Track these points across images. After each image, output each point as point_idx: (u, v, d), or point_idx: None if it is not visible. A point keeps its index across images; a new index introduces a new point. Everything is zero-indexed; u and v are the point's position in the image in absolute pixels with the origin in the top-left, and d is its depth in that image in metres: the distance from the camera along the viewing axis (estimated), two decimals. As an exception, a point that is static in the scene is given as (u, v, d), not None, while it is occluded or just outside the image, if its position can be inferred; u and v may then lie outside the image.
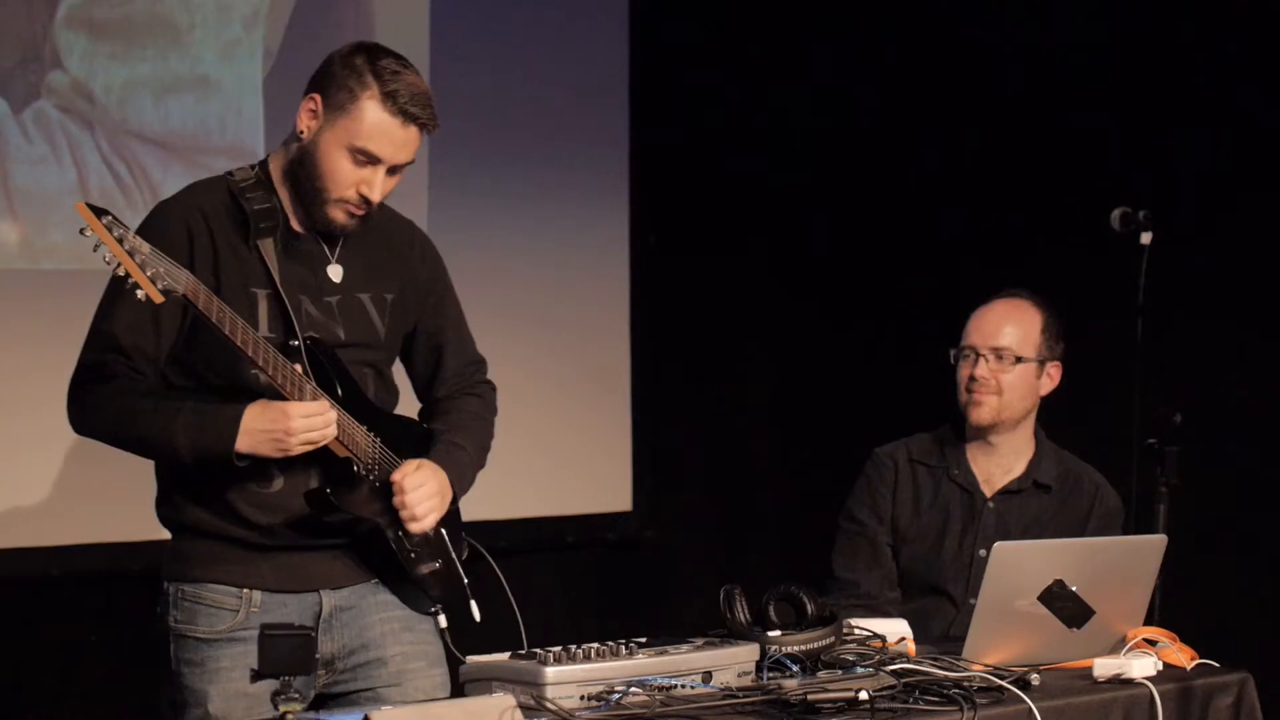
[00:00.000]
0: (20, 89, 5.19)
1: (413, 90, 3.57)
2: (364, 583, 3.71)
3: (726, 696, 3.29)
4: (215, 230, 3.57)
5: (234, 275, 3.55)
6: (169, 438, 3.51)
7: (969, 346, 4.53)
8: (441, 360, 3.88)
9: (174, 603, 3.64)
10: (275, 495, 3.60)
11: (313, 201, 3.60)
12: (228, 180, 3.63)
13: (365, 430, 3.62)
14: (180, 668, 3.63)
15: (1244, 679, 3.89)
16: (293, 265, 3.62)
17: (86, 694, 5.32)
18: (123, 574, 5.33)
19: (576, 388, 6.27)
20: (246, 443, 3.49)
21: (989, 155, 6.54)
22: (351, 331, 3.67)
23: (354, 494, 3.61)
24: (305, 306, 3.61)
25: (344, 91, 3.55)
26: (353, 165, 3.56)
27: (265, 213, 3.58)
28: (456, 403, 3.89)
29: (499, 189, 6.08)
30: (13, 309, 5.16)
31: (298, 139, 3.60)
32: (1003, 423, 4.53)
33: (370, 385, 3.71)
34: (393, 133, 3.56)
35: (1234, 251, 5.90)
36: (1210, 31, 6.01)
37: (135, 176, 5.33)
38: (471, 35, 5.99)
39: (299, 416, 3.47)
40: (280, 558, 3.62)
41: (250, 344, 3.42)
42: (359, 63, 3.57)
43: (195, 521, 3.63)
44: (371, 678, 3.69)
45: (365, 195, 3.58)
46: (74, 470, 5.21)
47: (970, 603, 4.17)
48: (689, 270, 6.56)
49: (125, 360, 3.55)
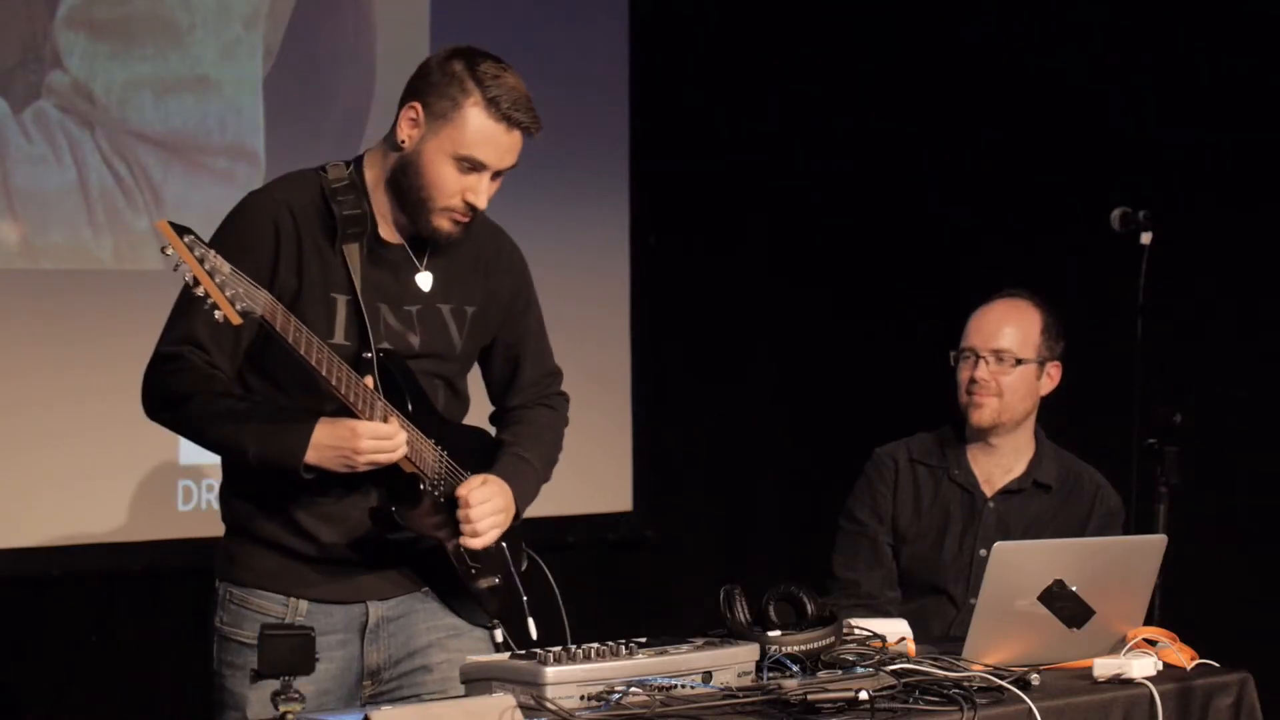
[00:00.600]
0: (20, 89, 5.18)
1: (515, 94, 3.54)
2: (412, 592, 3.68)
3: (726, 696, 3.29)
4: (302, 229, 3.54)
5: (316, 278, 3.53)
6: (239, 442, 3.50)
7: (969, 348, 4.53)
8: (519, 370, 3.86)
9: (222, 604, 3.63)
10: (337, 508, 3.57)
11: (418, 210, 3.57)
12: (320, 178, 3.59)
13: (432, 445, 3.59)
14: (222, 669, 3.62)
15: (1244, 679, 3.89)
16: (376, 272, 3.59)
17: (86, 694, 5.32)
18: (123, 574, 5.34)
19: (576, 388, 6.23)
20: (314, 456, 3.47)
21: (989, 155, 6.55)
22: (427, 342, 3.65)
23: (417, 510, 3.58)
24: (384, 315, 3.59)
25: (446, 100, 3.52)
26: (458, 173, 3.54)
27: (354, 218, 3.55)
28: (529, 413, 3.88)
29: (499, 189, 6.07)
30: (13, 309, 5.16)
31: (398, 148, 3.57)
32: (1003, 424, 4.52)
33: (440, 397, 3.69)
34: (498, 139, 3.54)
35: (1234, 251, 5.91)
36: (1210, 31, 6.02)
37: (135, 176, 5.32)
38: (471, 35, 5.91)
39: (367, 437, 3.45)
40: (331, 570, 3.60)
41: (324, 363, 3.39)
42: (458, 68, 3.54)
43: (252, 526, 3.61)
44: (417, 685, 3.66)
45: (471, 202, 3.56)
46: (74, 470, 5.21)
47: (970, 603, 4.17)
48: (689, 270, 6.56)
49: (203, 354, 3.52)
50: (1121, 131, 6.17)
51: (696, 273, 6.58)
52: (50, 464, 5.20)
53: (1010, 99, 6.52)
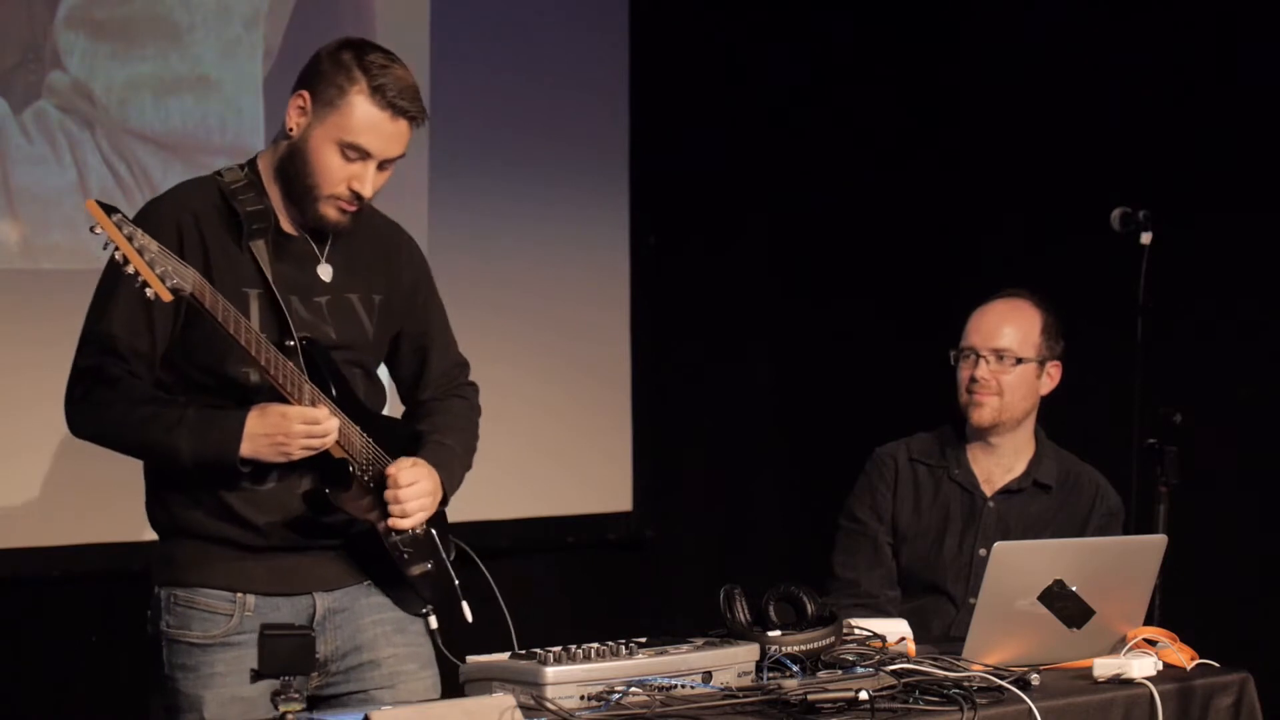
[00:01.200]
0: (20, 89, 5.18)
1: (401, 84, 3.57)
2: (356, 584, 3.70)
3: (726, 696, 3.29)
4: (205, 230, 3.57)
5: (226, 275, 3.54)
6: (171, 444, 3.51)
7: (969, 347, 4.53)
8: (426, 362, 3.89)
9: (166, 608, 3.63)
10: (270, 493, 3.59)
11: (304, 198, 3.60)
12: (217, 180, 3.63)
13: (359, 430, 3.62)
14: (174, 673, 3.62)
15: (1244, 679, 3.90)
16: (283, 265, 3.62)
17: (86, 694, 5.32)
18: (123, 574, 5.31)
19: (576, 388, 6.26)
20: (249, 448, 3.50)
21: (989, 155, 6.55)
22: (342, 332, 3.68)
23: (349, 494, 3.61)
24: (296, 306, 3.61)
25: (332, 88, 3.56)
26: (343, 161, 3.56)
27: (257, 214, 3.58)
28: (442, 404, 3.89)
29: (499, 189, 6.08)
30: (13, 309, 5.16)
31: (287, 136, 3.61)
32: (1004, 423, 4.52)
33: (360, 386, 3.72)
34: (382, 127, 3.56)
35: (1234, 251, 5.91)
36: (1210, 32, 6.02)
37: (135, 176, 5.32)
38: (471, 35, 5.99)
39: (299, 421, 3.48)
40: (273, 559, 3.61)
41: (253, 343, 3.44)
42: (346, 58, 3.57)
43: (187, 523, 3.62)
44: (364, 679, 3.69)
45: (357, 190, 3.58)
46: (74, 470, 5.21)
47: (970, 602, 4.17)
48: (689, 270, 6.56)
49: (122, 363, 3.55)
50: (1121, 131, 6.17)
51: (696, 273, 6.58)
52: (50, 464, 5.20)
53: (1010, 99, 6.52)
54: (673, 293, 6.52)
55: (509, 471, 5.77)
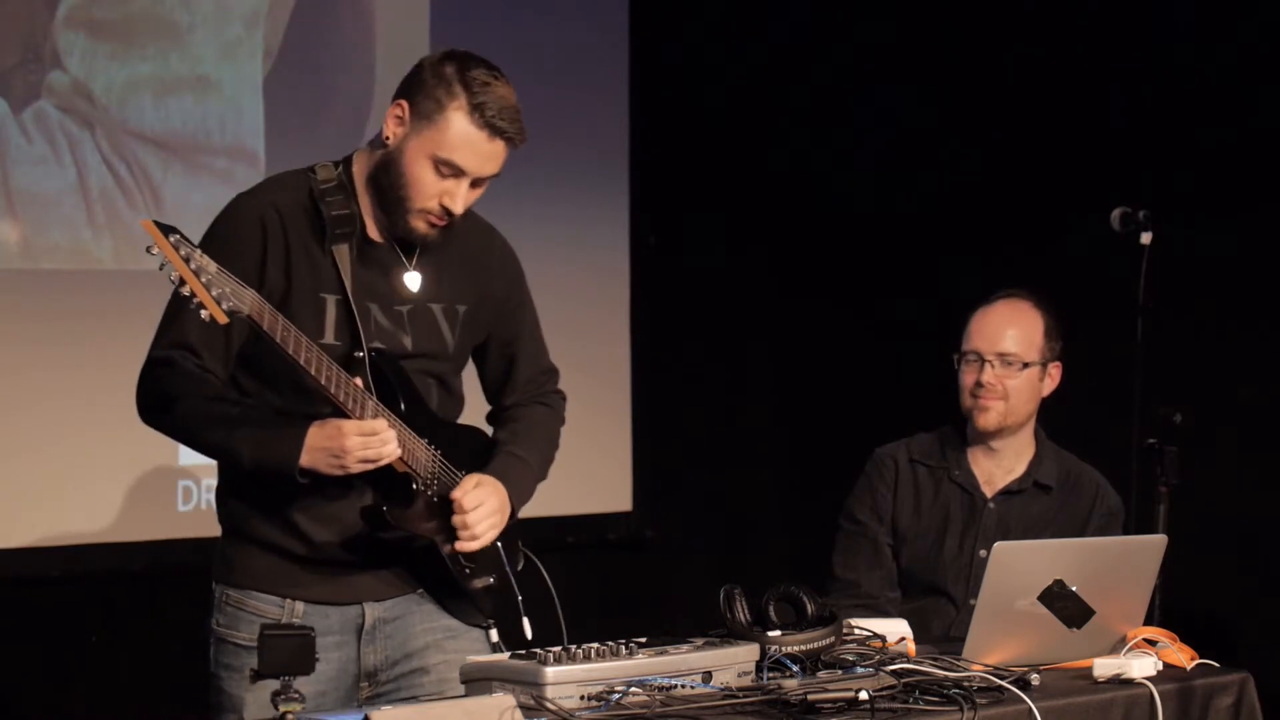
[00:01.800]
0: (20, 89, 5.19)
1: (502, 103, 3.53)
2: (408, 593, 3.68)
3: (726, 696, 3.29)
4: (290, 230, 3.54)
5: (305, 278, 3.52)
6: (233, 448, 3.50)
7: (973, 351, 4.51)
8: (513, 368, 3.85)
9: (218, 606, 3.62)
10: (331, 509, 3.56)
11: (395, 209, 3.56)
12: (309, 179, 3.58)
13: (425, 444, 3.58)
14: (219, 671, 3.61)
15: (1244, 679, 3.89)
16: (366, 272, 3.58)
17: (86, 694, 5.32)
18: (123, 574, 5.34)
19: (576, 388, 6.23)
20: (308, 460, 3.46)
21: (989, 155, 6.55)
22: (419, 342, 3.64)
23: (410, 510, 3.57)
24: (374, 315, 3.58)
25: (431, 101, 3.51)
26: (436, 176, 3.52)
27: (343, 219, 3.54)
28: (525, 411, 3.87)
29: (499, 189, 6.05)
30: (13, 309, 5.16)
31: (383, 145, 3.56)
32: (1008, 427, 4.52)
33: (434, 396, 3.68)
34: (479, 146, 3.52)
35: (1234, 251, 5.91)
36: (1210, 31, 6.02)
37: (135, 176, 5.33)
38: (471, 35, 5.98)
39: (354, 435, 3.44)
40: (326, 571, 3.59)
41: (314, 362, 3.38)
42: (449, 71, 3.53)
43: (247, 527, 3.60)
44: (414, 687, 3.66)
45: (448, 207, 3.54)
46: (74, 470, 5.21)
47: (970, 603, 4.17)
48: (689, 270, 6.56)
49: (195, 358, 3.52)
50: (1121, 131, 6.17)
51: (696, 273, 6.58)
52: (50, 464, 5.20)
53: (1010, 99, 6.52)
54: (673, 293, 6.51)
55: (509, 471, 5.76)
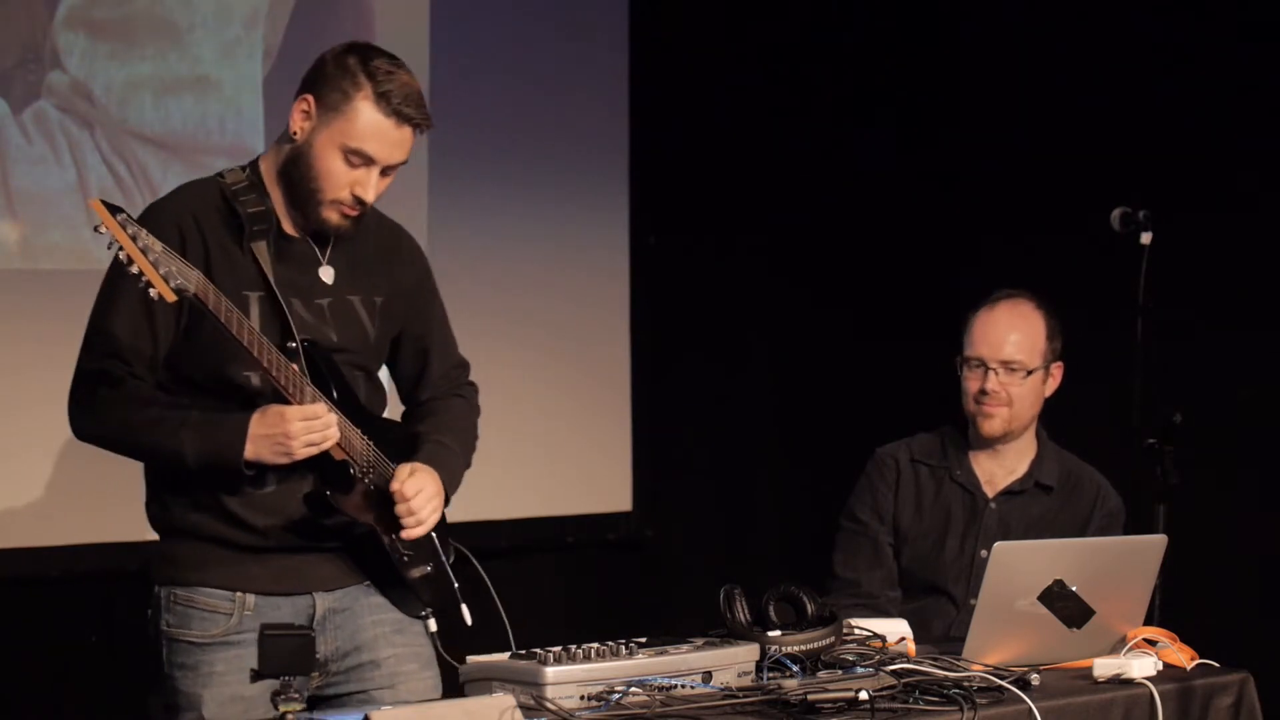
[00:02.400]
0: (20, 89, 5.18)
1: (406, 90, 3.57)
2: (356, 585, 3.70)
3: (726, 696, 3.29)
4: (206, 232, 3.57)
5: (226, 277, 3.54)
6: (174, 447, 3.52)
7: (976, 358, 4.50)
8: (427, 363, 3.89)
9: (165, 606, 3.63)
10: (270, 496, 3.59)
11: (306, 202, 3.60)
12: (219, 182, 3.63)
13: (360, 433, 3.62)
14: (173, 671, 3.62)
15: (1244, 679, 3.90)
16: (284, 267, 3.61)
17: (86, 694, 5.31)
18: (122, 574, 5.32)
19: (576, 387, 6.26)
20: (252, 450, 3.49)
21: (989, 155, 6.55)
22: (343, 334, 3.67)
23: (350, 496, 3.61)
24: (297, 309, 3.61)
25: (337, 92, 3.55)
26: (346, 166, 3.56)
27: (259, 215, 3.58)
28: (442, 404, 3.89)
29: (499, 189, 6.08)
30: (13, 309, 5.16)
31: (290, 140, 3.60)
32: (1013, 432, 4.53)
33: (361, 388, 3.71)
34: (387, 133, 3.56)
35: (1234, 251, 5.91)
36: (1210, 31, 6.02)
37: (135, 176, 5.32)
38: (471, 36, 5.99)
39: (297, 419, 3.48)
40: (273, 559, 3.61)
41: (255, 345, 3.44)
42: (352, 63, 3.57)
43: (187, 523, 3.62)
44: (365, 679, 3.69)
45: (359, 196, 3.58)
46: (74, 470, 5.21)
47: (971, 603, 4.17)
48: (689, 270, 6.55)
49: (125, 366, 3.55)
50: (1121, 131, 6.17)
51: (696, 273, 6.57)
52: (50, 464, 5.20)
53: (1010, 99, 6.52)
54: (673, 293, 6.51)
55: (509, 471, 5.77)
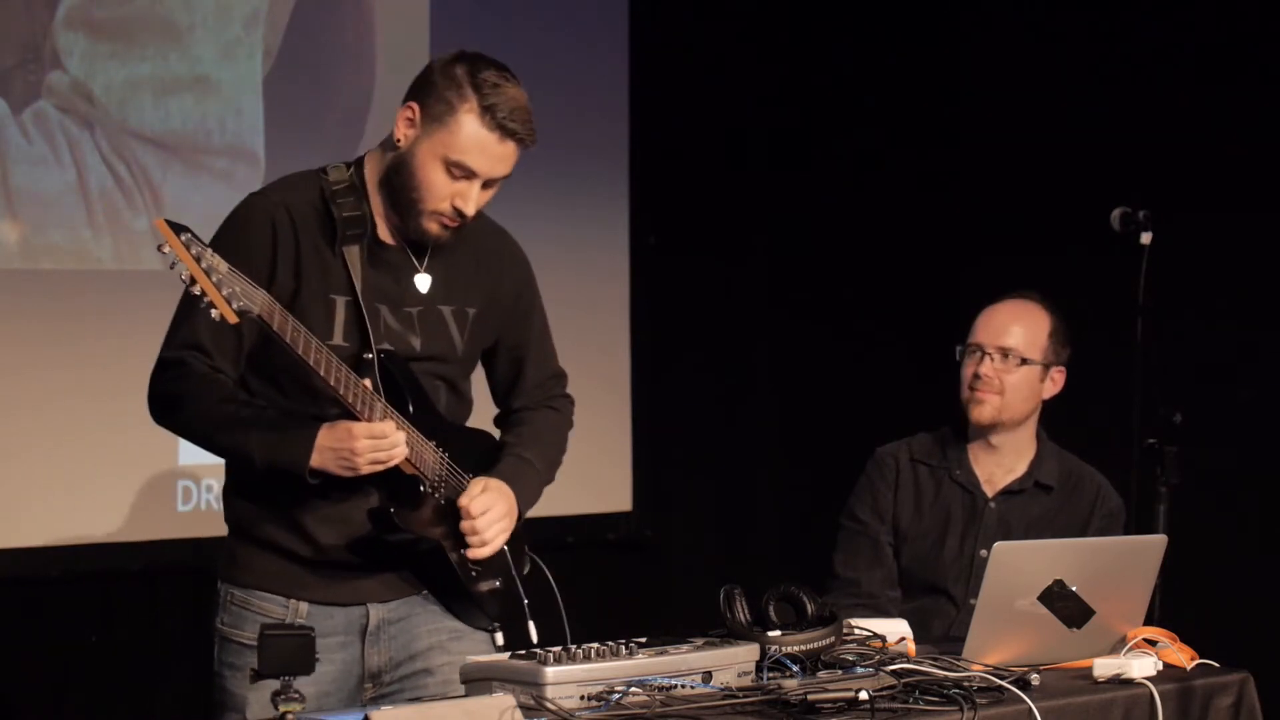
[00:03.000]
0: (20, 89, 5.19)
1: (512, 105, 3.52)
2: (413, 595, 3.68)
3: (726, 696, 3.29)
4: (301, 231, 3.54)
5: (315, 279, 3.52)
6: (244, 448, 3.51)
7: (975, 344, 4.52)
8: (522, 371, 3.86)
9: (223, 605, 3.63)
10: (337, 509, 3.56)
11: (407, 211, 3.56)
12: (320, 180, 3.59)
13: (433, 447, 3.59)
14: (222, 670, 3.62)
15: (1244, 679, 3.89)
16: (376, 274, 3.59)
17: (86, 694, 5.32)
18: (123, 574, 5.34)
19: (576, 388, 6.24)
20: (318, 461, 3.47)
21: (989, 156, 6.55)
22: (428, 344, 3.64)
23: (418, 513, 3.58)
24: (384, 316, 3.59)
25: (442, 103, 3.51)
26: (448, 178, 3.53)
27: (354, 220, 3.54)
28: (532, 415, 3.87)
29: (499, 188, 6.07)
30: (12, 309, 5.16)
31: (394, 147, 3.56)
32: (1003, 423, 4.52)
33: (442, 398, 3.68)
34: (490, 148, 3.52)
35: (1234, 251, 5.91)
36: (1211, 31, 6.02)
37: (135, 176, 5.33)
38: (471, 36, 5.94)
39: (363, 437, 3.45)
40: (331, 572, 3.59)
41: (323, 363, 3.39)
42: (459, 73, 3.53)
43: (253, 526, 3.61)
44: (418, 688, 3.66)
45: (460, 208, 3.55)
46: (74, 470, 5.21)
47: (971, 603, 4.17)
48: (689, 270, 6.56)
49: (205, 359, 3.53)
50: (1121, 131, 6.17)
51: (696, 273, 6.57)
52: (50, 464, 5.20)
53: (1010, 99, 6.52)
54: (673, 293, 6.51)
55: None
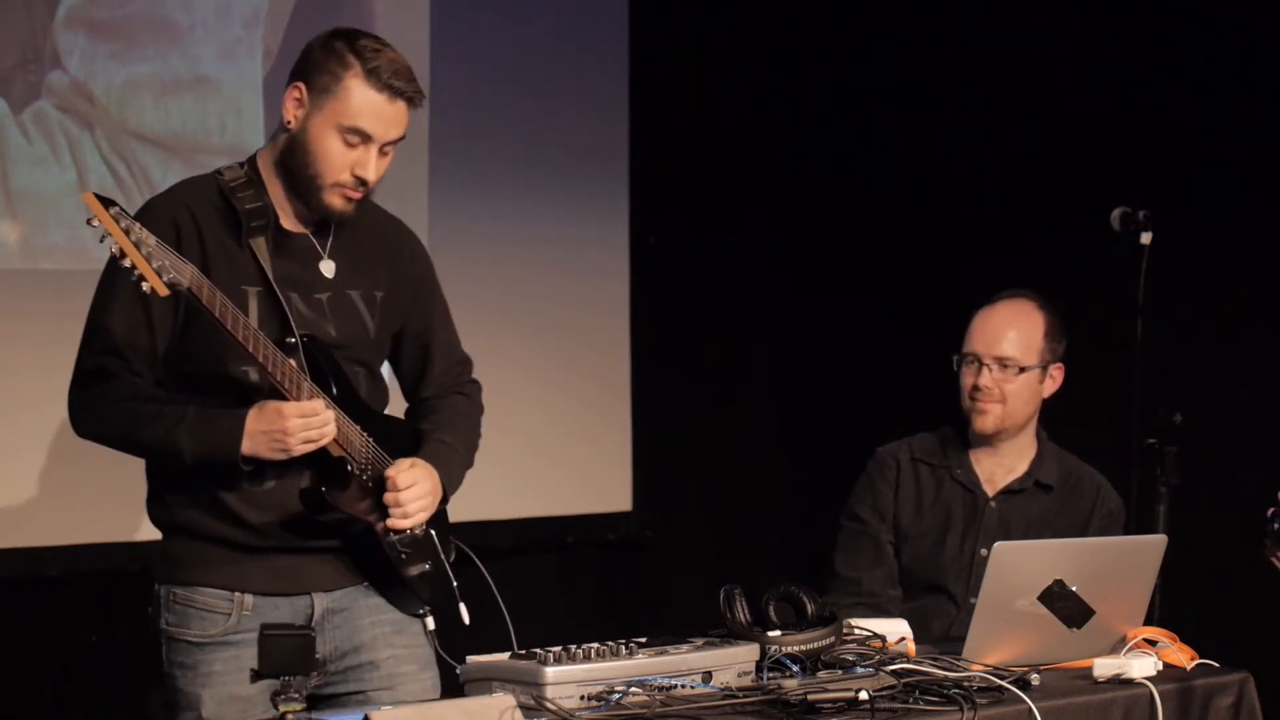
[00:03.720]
0: (20, 89, 5.19)
1: (394, 65, 3.58)
2: (355, 585, 3.70)
3: (726, 696, 3.29)
4: (204, 228, 3.57)
5: (224, 272, 3.54)
6: (172, 443, 3.52)
7: (971, 354, 4.51)
8: (429, 359, 3.88)
9: (165, 605, 3.64)
10: (268, 493, 3.59)
11: (308, 189, 3.60)
12: (216, 179, 3.63)
13: (359, 429, 3.62)
14: (173, 670, 3.63)
15: (1244, 679, 3.90)
16: (283, 262, 3.61)
17: (86, 694, 5.32)
18: (123, 574, 5.32)
19: (576, 388, 6.26)
20: (249, 446, 3.49)
21: (989, 155, 6.54)
22: (343, 330, 3.67)
23: (347, 493, 3.61)
24: (296, 304, 3.61)
25: (327, 75, 3.57)
26: (344, 147, 3.57)
27: (256, 211, 3.58)
28: (444, 401, 3.89)
29: (499, 189, 6.08)
30: (12, 309, 5.16)
31: (286, 129, 3.61)
32: (1006, 430, 4.53)
33: (362, 384, 3.71)
34: (381, 109, 3.57)
35: (1234, 251, 5.91)
36: (1210, 31, 6.02)
37: (135, 176, 5.32)
38: (471, 36, 5.99)
39: (294, 416, 3.48)
40: (271, 559, 3.61)
41: (251, 339, 3.43)
42: (338, 45, 3.59)
43: (186, 522, 3.62)
44: (363, 680, 3.69)
45: (360, 176, 3.58)
46: (74, 470, 5.21)
47: (971, 602, 4.17)
48: (689, 270, 6.56)
49: (124, 363, 3.55)
50: (1121, 131, 6.17)
51: (696, 273, 6.58)
52: (50, 464, 5.20)
53: (1010, 99, 6.52)
54: (673, 293, 6.51)
55: (509, 471, 5.76)
